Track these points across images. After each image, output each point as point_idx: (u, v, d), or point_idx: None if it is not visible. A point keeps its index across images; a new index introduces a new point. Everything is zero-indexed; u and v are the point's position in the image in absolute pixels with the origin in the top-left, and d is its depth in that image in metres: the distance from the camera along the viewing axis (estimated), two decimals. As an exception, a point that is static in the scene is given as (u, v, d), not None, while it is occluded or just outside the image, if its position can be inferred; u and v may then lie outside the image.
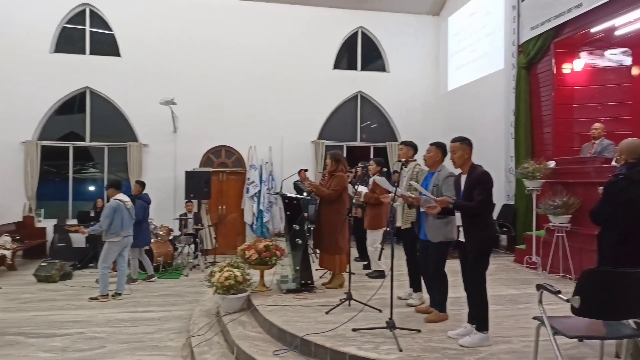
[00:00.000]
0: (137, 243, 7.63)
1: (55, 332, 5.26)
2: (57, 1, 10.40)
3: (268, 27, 11.23)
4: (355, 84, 11.77)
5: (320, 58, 11.53)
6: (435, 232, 4.22)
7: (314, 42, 11.46)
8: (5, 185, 10.01)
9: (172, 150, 10.72)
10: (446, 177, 4.17)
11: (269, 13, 11.23)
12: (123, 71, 10.58)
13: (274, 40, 11.21)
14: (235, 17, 11.07)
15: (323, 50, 11.56)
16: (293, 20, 11.35)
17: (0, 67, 10.06)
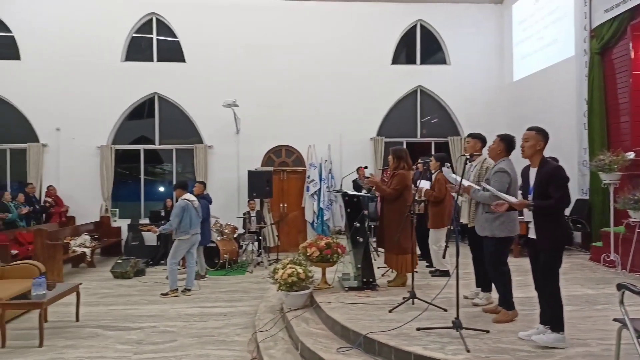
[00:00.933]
0: (201, 242, 7.94)
1: (130, 325, 5.57)
2: (127, 12, 11.00)
3: (325, 25, 11.27)
4: (415, 78, 11.55)
5: (378, 54, 11.41)
6: (482, 226, 4.13)
7: (371, 38, 11.37)
8: (84, 188, 10.74)
9: (235, 151, 11.04)
10: (496, 172, 4.05)
11: (326, 12, 11.26)
12: (188, 76, 11.03)
13: (331, 38, 11.24)
14: (293, 18, 11.20)
15: (381, 46, 11.44)
16: (350, 18, 11.32)
17: (77, 76, 10.79)
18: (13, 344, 4.91)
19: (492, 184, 3.93)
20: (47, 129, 10.76)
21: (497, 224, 4.04)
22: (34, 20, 10.76)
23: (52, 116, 10.71)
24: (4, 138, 10.93)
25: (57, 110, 10.72)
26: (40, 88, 10.70)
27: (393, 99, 11.49)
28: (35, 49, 10.79)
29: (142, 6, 11.04)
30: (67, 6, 10.80)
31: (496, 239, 4.07)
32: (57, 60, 10.75)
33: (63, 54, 10.77)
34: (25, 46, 10.82)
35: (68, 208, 10.61)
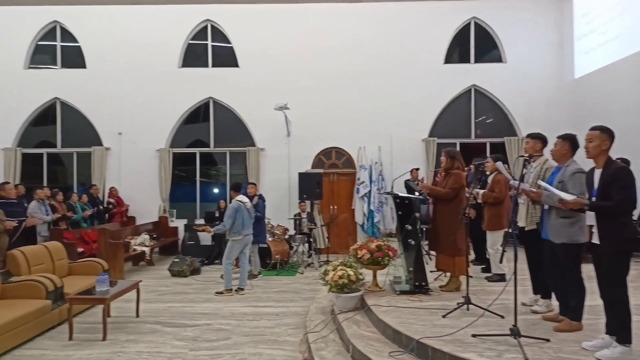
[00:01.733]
0: (259, 240, 8.16)
1: (186, 322, 5.76)
2: (184, 20, 11.41)
3: (376, 26, 11.20)
4: (469, 77, 11.25)
5: (430, 53, 11.21)
6: (558, 232, 3.87)
7: (423, 37, 11.19)
8: (143, 189, 11.23)
9: (286, 153, 11.18)
10: (573, 173, 3.79)
11: (377, 12, 11.19)
12: (241, 81, 11.29)
13: (382, 38, 11.16)
14: (344, 20, 11.21)
15: (433, 45, 11.23)
16: (401, 17, 11.19)
17: (138, 82, 11.30)
18: (79, 336, 5.20)
19: (569, 187, 3.73)
20: (110, 133, 11.36)
21: (576, 229, 3.79)
22: (98, 31, 11.38)
23: (115, 121, 11.28)
24: (71, 142, 11.63)
25: (119, 116, 11.28)
26: (104, 95, 11.29)
27: (446, 98, 11.24)
28: (99, 58, 11.42)
29: (198, 14, 11.42)
30: (128, 17, 11.35)
31: (575, 245, 3.84)
32: (119, 68, 11.32)
33: (125, 63, 11.33)
34: (91, 55, 11.47)
35: (129, 208, 11.12)
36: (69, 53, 11.63)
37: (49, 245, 6.77)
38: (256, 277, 8.27)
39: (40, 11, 11.39)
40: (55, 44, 11.67)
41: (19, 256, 6.02)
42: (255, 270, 8.38)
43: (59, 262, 6.67)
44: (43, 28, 11.55)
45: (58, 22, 11.54)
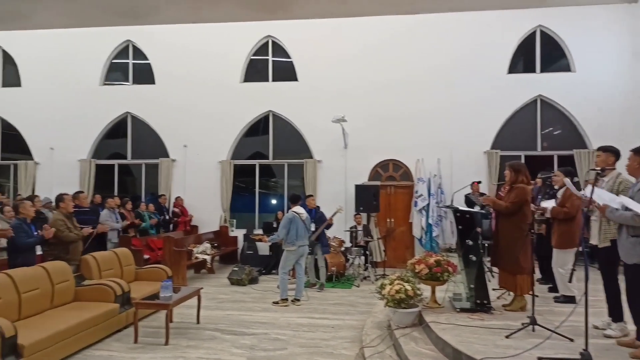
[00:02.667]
0: (326, 250, 8.57)
1: (244, 330, 5.87)
2: (246, 36, 11.81)
3: (436, 36, 11.05)
4: (534, 87, 10.81)
5: (493, 63, 10.89)
6: (629, 252, 3.63)
7: (485, 47, 10.89)
8: (206, 199, 11.64)
9: (342, 165, 11.21)
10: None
11: (437, 23, 11.04)
12: (300, 94, 11.48)
13: (442, 48, 10.98)
14: (404, 31, 11.15)
15: (496, 55, 10.90)
16: (462, 27, 10.97)
17: (202, 97, 11.78)
18: (144, 340, 5.43)
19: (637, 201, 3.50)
20: (176, 146, 11.89)
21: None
22: (166, 49, 12.01)
23: (181, 134, 11.81)
24: (140, 154, 12.30)
25: (185, 129, 11.80)
26: (171, 109, 11.87)
27: (510, 109, 10.85)
28: (167, 75, 12.03)
29: (260, 30, 11.78)
30: (194, 35, 11.89)
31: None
32: (185, 84, 11.86)
33: (190, 78, 11.86)
34: (159, 72, 12.11)
35: (192, 217, 11.55)
36: (140, 70, 12.35)
37: (118, 252, 7.16)
38: (315, 286, 8.36)
39: (115, 31, 12.19)
40: (128, 61, 12.44)
41: (91, 261, 6.40)
42: (322, 279, 8.45)
43: (127, 268, 7.03)
44: (117, 47, 12.35)
45: (131, 41, 12.30)
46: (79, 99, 12.17)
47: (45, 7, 11.48)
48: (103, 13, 11.60)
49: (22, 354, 4.15)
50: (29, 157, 12.34)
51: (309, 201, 8.83)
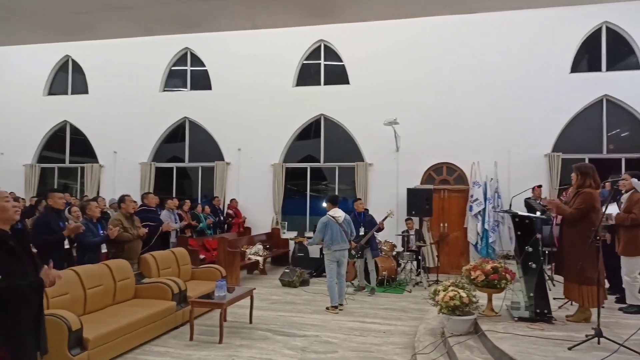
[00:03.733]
0: (377, 254, 8.42)
1: (295, 332, 5.90)
2: (298, 41, 11.95)
3: (493, 35, 10.71)
4: (600, 86, 10.23)
5: (555, 62, 10.41)
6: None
7: (546, 45, 10.43)
8: (259, 202, 11.86)
9: (394, 168, 11.07)
10: None
11: (495, 21, 10.70)
12: (351, 97, 11.47)
13: (499, 48, 10.63)
14: (457, 31, 10.89)
15: (558, 53, 10.42)
16: (521, 26, 10.57)
17: (256, 101, 12.01)
18: (199, 338, 5.59)
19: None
20: (230, 149, 12.20)
21: None
22: (222, 56, 12.36)
23: (235, 138, 12.11)
24: (197, 157, 12.72)
25: (239, 132, 12.09)
26: (226, 113, 12.19)
27: (572, 110, 10.33)
28: (222, 80, 12.38)
29: (312, 35, 11.88)
30: (249, 42, 12.16)
31: None
32: (239, 89, 12.16)
33: (244, 83, 12.13)
34: (215, 78, 12.49)
35: (245, 219, 11.80)
36: (197, 76, 12.79)
37: (175, 251, 7.42)
38: (364, 290, 8.27)
39: (174, 39, 12.69)
40: (186, 68, 12.91)
41: (150, 260, 6.67)
42: (361, 283, 8.37)
43: (184, 267, 7.27)
44: (176, 55, 12.85)
45: (189, 48, 12.76)
46: (141, 105, 12.75)
47: (110, 19, 12.14)
48: (163, 22, 12.12)
49: (86, 347, 4.38)
50: (95, 160, 13.06)
51: (357, 205, 8.76)
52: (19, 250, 2.75)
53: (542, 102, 10.33)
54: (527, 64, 10.47)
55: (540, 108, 10.33)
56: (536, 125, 10.32)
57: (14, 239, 2.76)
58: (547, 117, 10.31)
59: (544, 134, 10.32)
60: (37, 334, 2.80)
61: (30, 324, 2.75)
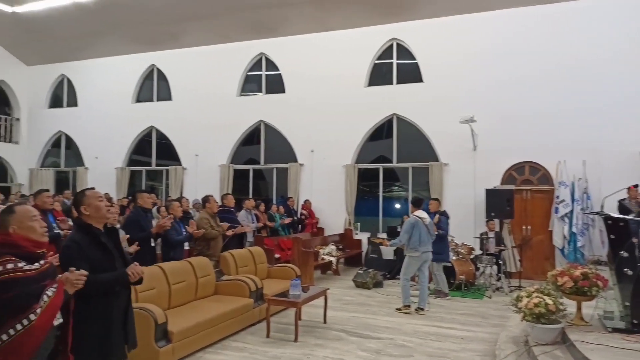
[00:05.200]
0: (443, 258, 8.00)
1: (370, 334, 5.86)
2: (370, 41, 11.86)
3: (572, 25, 9.96)
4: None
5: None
6: None
7: (634, 31, 9.53)
8: (331, 202, 11.93)
9: (471, 168, 10.66)
10: None
11: (577, 12, 9.96)
12: (425, 95, 11.20)
13: (581, 37, 9.85)
14: (532, 23, 10.27)
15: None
16: (603, 13, 9.76)
17: (328, 102, 12.08)
18: (275, 335, 5.71)
19: None
20: (304, 151, 12.39)
21: None
22: (296, 59, 12.57)
23: (308, 139, 12.27)
24: (272, 159, 13.06)
25: (311, 134, 12.23)
26: (300, 115, 12.39)
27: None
28: (296, 83, 12.59)
29: (384, 34, 11.75)
30: (320, 44, 12.27)
31: None
32: (312, 91, 12.30)
33: (317, 86, 12.25)
34: (289, 81, 12.74)
35: (319, 220, 11.92)
36: (272, 80, 13.13)
37: (252, 250, 7.66)
38: (447, 296, 8.02)
39: (250, 45, 13.11)
40: (261, 73, 13.30)
41: (229, 258, 6.93)
42: (444, 289, 8.13)
43: (260, 266, 7.48)
44: (252, 60, 13.27)
45: (264, 53, 13.13)
46: (219, 110, 13.30)
47: (191, 28, 12.82)
48: (240, 29, 12.58)
49: (171, 340, 4.63)
50: (178, 163, 13.82)
51: (431, 204, 8.51)
52: (110, 247, 2.97)
53: (636, 95, 9.46)
54: (620, 57, 9.59)
55: (633, 101, 9.46)
56: (631, 122, 9.45)
57: (106, 236, 2.98)
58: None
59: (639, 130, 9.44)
60: (125, 326, 2.99)
61: (119, 316, 2.95)
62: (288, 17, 11.92)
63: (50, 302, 2.34)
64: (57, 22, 13.25)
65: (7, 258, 2.36)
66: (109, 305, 2.86)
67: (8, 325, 2.24)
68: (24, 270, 2.37)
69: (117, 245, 3.07)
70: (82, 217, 2.98)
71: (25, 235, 2.49)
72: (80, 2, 12.18)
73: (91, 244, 2.87)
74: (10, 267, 2.34)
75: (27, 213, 2.55)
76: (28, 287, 2.34)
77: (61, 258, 2.86)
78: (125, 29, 13.28)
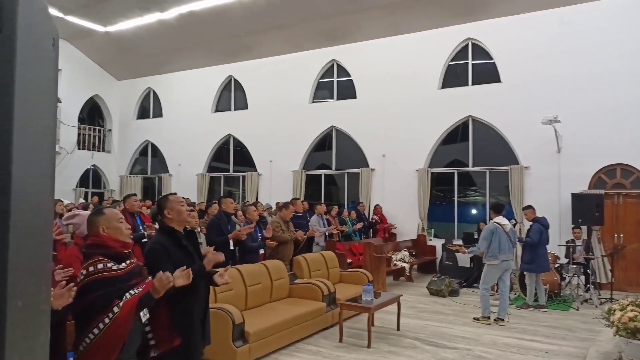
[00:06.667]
0: (533, 268, 7.52)
1: (445, 343, 5.67)
2: (443, 42, 11.57)
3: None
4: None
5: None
6: None
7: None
8: (404, 207, 11.74)
9: (555, 172, 10.03)
10: None
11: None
12: (503, 96, 10.72)
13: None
14: (628, 10, 9.48)
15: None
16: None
17: (399, 106, 11.93)
18: (347, 340, 5.71)
19: None
20: (375, 155, 12.32)
21: None
22: (366, 64, 12.55)
23: (379, 144, 12.18)
24: (343, 164, 13.12)
25: (383, 139, 12.14)
26: (370, 120, 12.33)
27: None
28: (367, 88, 12.56)
29: (458, 34, 11.41)
30: (392, 47, 12.15)
31: None
32: (383, 95, 12.21)
33: (388, 90, 12.15)
34: (360, 86, 12.72)
35: (391, 225, 11.78)
36: (343, 86, 13.20)
37: (325, 254, 7.72)
38: (529, 308, 7.59)
39: (322, 53, 13.28)
40: (332, 79, 13.42)
41: (302, 262, 7.03)
42: (529, 300, 7.70)
43: (332, 270, 7.52)
44: (323, 67, 13.43)
45: (335, 60, 13.25)
46: (292, 116, 13.59)
47: (266, 39, 13.24)
48: (312, 37, 12.81)
49: (248, 340, 4.77)
50: (254, 169, 14.29)
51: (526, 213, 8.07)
52: (190, 249, 3.13)
53: None
54: None
55: None
56: None
57: (186, 239, 3.15)
58: None
59: None
60: (204, 324, 3.13)
61: (199, 315, 3.09)
62: (360, 23, 11.95)
63: (131, 298, 2.50)
64: (143, 38, 14.25)
65: (98, 258, 2.56)
66: (189, 304, 3.01)
67: (97, 321, 2.43)
68: (112, 270, 2.56)
69: (195, 247, 3.23)
70: (165, 221, 3.17)
71: (113, 235, 2.68)
72: (163, 19, 13.03)
73: (174, 246, 3.05)
74: (100, 267, 2.53)
75: (114, 215, 2.77)
76: (115, 285, 2.52)
77: (147, 258, 3.06)
78: (205, 43, 13.99)
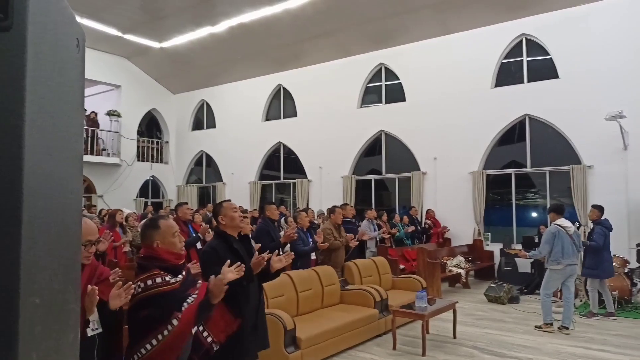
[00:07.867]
0: (597, 274, 7.06)
1: (505, 352, 5.42)
2: (496, 39, 11.18)
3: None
4: None
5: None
6: None
7: None
8: (457, 211, 11.40)
9: (622, 171, 9.41)
10: None
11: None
12: (562, 92, 10.21)
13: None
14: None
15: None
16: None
17: (450, 107, 11.64)
18: (401, 348, 5.58)
19: None
20: (426, 159, 12.07)
21: None
22: (415, 67, 12.35)
23: (431, 147, 11.93)
24: (394, 169, 12.94)
25: (434, 141, 11.87)
26: (420, 123, 12.11)
27: None
28: (416, 91, 12.36)
29: (511, 31, 10.99)
30: (440, 49, 11.89)
31: None
32: (433, 97, 11.97)
33: (438, 91, 11.89)
34: (409, 89, 12.54)
35: (445, 230, 11.47)
36: (392, 90, 13.06)
37: (376, 260, 7.61)
38: (595, 316, 7.12)
39: (369, 57, 13.21)
40: (381, 83, 13.31)
41: (353, 267, 6.96)
42: (593, 308, 7.23)
43: (384, 276, 7.40)
44: (371, 71, 13.35)
45: (383, 64, 13.14)
46: (341, 122, 13.58)
47: (313, 46, 13.35)
48: (359, 42, 12.77)
49: (299, 346, 4.77)
50: (304, 175, 14.39)
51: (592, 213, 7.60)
52: (242, 253, 3.21)
53: None
54: None
55: None
56: None
57: (239, 243, 3.25)
58: None
59: None
60: (256, 328, 3.17)
61: (252, 318, 3.14)
62: (407, 24, 11.79)
63: (189, 307, 2.46)
64: (196, 52, 14.76)
65: (156, 272, 2.50)
66: (239, 307, 3.06)
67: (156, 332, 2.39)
68: (171, 284, 2.50)
69: (248, 251, 3.31)
70: (219, 226, 3.33)
71: (167, 249, 2.63)
72: (215, 32, 13.43)
73: (226, 250, 3.15)
74: (159, 281, 2.47)
75: (169, 230, 2.67)
76: (174, 298, 2.48)
77: (200, 262, 3.20)
78: (254, 54, 14.29)
